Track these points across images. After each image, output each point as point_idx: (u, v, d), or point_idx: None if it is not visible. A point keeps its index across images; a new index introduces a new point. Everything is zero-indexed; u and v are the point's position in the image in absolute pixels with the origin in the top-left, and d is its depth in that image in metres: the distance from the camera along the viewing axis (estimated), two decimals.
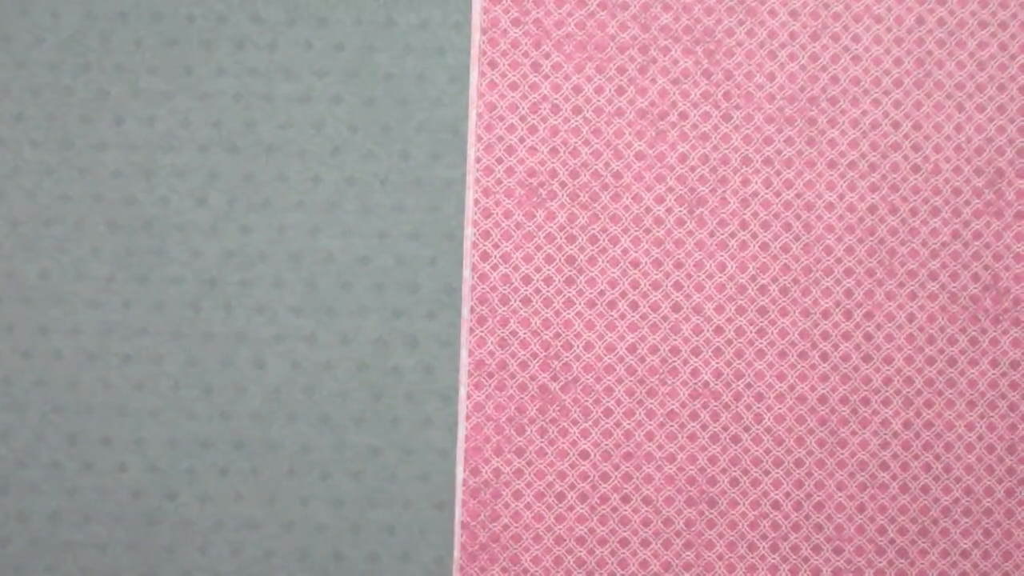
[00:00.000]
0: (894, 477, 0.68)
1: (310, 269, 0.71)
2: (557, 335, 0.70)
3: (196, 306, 0.71)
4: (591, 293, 0.70)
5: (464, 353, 0.70)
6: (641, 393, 0.70)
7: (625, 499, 0.70)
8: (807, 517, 0.69)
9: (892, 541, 0.69)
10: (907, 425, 0.68)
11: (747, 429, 0.69)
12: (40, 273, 0.72)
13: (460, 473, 0.70)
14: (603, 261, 0.70)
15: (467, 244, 0.70)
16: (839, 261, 0.68)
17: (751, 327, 0.69)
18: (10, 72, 0.72)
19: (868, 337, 0.68)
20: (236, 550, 0.71)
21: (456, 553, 0.70)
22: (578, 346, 0.70)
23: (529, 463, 0.70)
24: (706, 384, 0.70)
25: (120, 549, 0.71)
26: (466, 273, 0.71)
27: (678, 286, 0.69)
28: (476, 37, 0.70)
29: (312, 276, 0.71)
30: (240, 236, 0.72)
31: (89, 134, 0.72)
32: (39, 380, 0.71)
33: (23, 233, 0.72)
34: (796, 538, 0.69)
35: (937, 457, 0.68)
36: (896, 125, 0.68)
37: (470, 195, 0.70)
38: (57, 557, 0.71)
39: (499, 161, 0.70)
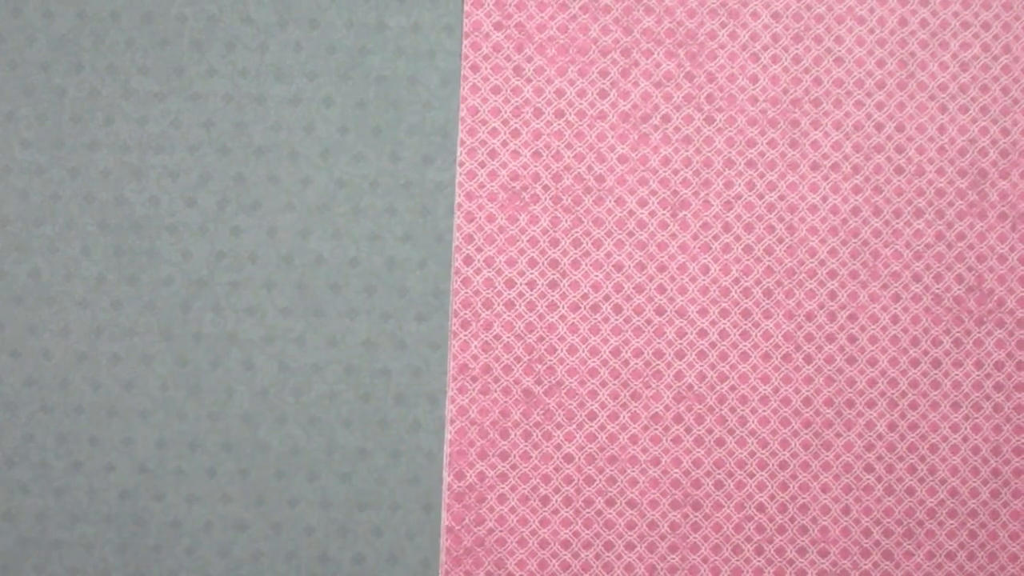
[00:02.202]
0: (879, 479, 0.68)
1: (300, 271, 0.71)
2: (541, 339, 0.70)
3: (186, 307, 0.72)
4: (574, 296, 0.70)
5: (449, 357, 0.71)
6: (625, 396, 0.70)
7: (610, 502, 0.70)
8: (792, 520, 0.69)
9: (877, 543, 0.69)
10: (892, 427, 0.68)
11: (731, 432, 0.69)
12: (30, 273, 0.72)
13: (446, 477, 0.70)
14: (586, 264, 0.70)
15: (455, 247, 0.71)
16: (822, 263, 0.68)
17: (735, 330, 0.69)
18: (2, 72, 0.73)
19: (852, 339, 0.68)
20: (224, 551, 0.71)
21: (441, 557, 0.70)
22: (562, 350, 0.70)
23: (513, 467, 0.70)
24: (690, 387, 0.69)
25: (108, 549, 0.71)
26: (457, 276, 0.71)
27: (661, 289, 0.69)
28: (468, 40, 0.70)
29: (302, 278, 0.71)
30: (230, 237, 0.72)
31: (80, 134, 0.72)
32: (28, 380, 0.71)
33: (13, 233, 0.72)
34: (781, 540, 0.69)
35: (922, 459, 0.68)
36: (879, 127, 0.67)
37: (459, 204, 0.70)
38: (45, 556, 0.71)
39: (482, 165, 0.70)
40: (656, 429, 0.70)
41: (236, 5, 0.72)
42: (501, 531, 0.70)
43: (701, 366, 0.69)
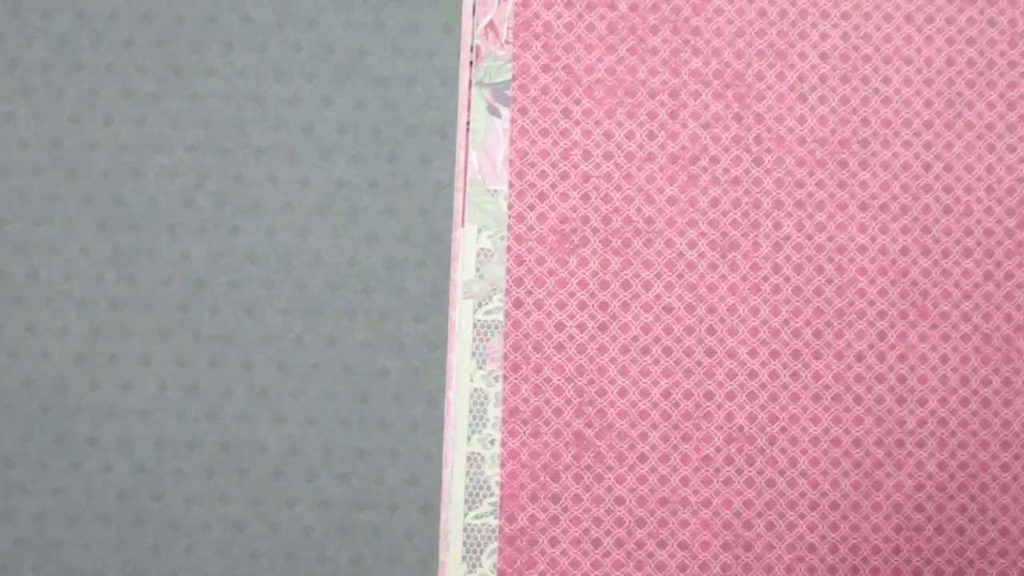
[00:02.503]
0: (929, 519, 0.67)
1: (299, 271, 0.69)
2: (591, 381, 0.67)
3: (184, 307, 0.67)
4: (625, 339, 0.67)
5: (453, 357, 0.68)
6: (676, 438, 0.67)
7: (661, 544, 0.65)
8: (843, 560, 0.66)
9: None
10: (942, 466, 0.67)
11: (782, 473, 0.67)
12: (29, 272, 0.67)
13: (448, 477, 0.67)
14: (636, 307, 0.68)
15: (455, 247, 0.68)
16: (872, 304, 0.68)
17: (785, 371, 0.68)
18: (1, 72, 0.68)
19: (902, 379, 0.68)
20: (222, 551, 0.66)
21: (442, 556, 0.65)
22: (612, 392, 0.67)
23: (565, 509, 0.65)
24: (740, 428, 0.67)
25: (106, 549, 0.65)
26: (455, 276, 0.68)
27: (711, 331, 0.68)
28: (466, 39, 0.70)
29: (301, 278, 0.68)
30: (229, 237, 0.68)
31: (79, 134, 0.68)
32: (27, 379, 0.66)
33: (12, 232, 0.67)
34: None
35: (972, 498, 0.67)
36: (927, 167, 0.70)
37: (458, 204, 0.68)
38: (43, 556, 0.65)
39: (531, 207, 0.68)
40: (707, 471, 0.67)
41: (235, 5, 0.71)
42: (553, 574, 0.65)
43: (752, 407, 0.67)
